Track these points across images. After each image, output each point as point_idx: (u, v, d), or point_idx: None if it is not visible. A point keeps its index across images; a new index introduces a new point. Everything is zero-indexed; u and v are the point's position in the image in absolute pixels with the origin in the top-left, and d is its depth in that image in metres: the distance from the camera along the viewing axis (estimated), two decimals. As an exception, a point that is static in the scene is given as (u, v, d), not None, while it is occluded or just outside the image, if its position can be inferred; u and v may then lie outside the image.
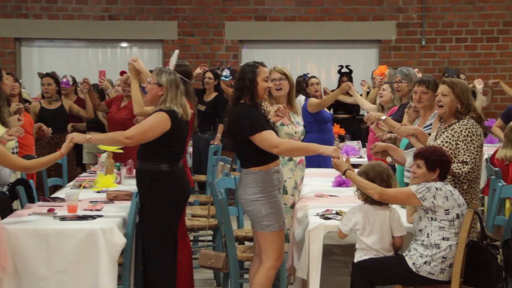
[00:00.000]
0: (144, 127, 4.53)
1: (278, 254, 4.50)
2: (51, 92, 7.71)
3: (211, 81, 9.00)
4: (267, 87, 4.53)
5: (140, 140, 4.55)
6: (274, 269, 4.51)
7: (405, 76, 6.11)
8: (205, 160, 8.28)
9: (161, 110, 4.56)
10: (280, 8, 11.36)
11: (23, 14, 11.33)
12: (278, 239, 4.50)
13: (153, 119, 4.54)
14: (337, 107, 9.62)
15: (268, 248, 4.47)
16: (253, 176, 4.43)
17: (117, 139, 4.59)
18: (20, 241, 4.17)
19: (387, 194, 4.15)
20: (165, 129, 4.52)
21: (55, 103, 7.72)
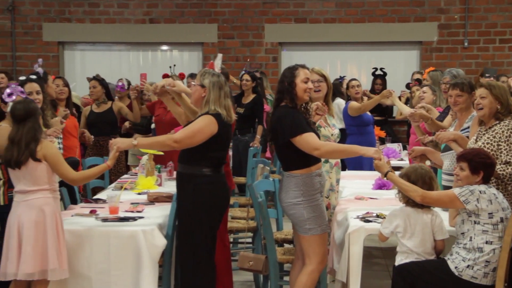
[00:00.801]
0: (193, 130, 4.48)
1: (321, 258, 4.47)
2: (97, 95, 7.79)
3: (248, 83, 9.01)
4: (307, 89, 4.50)
5: (188, 143, 4.49)
6: (317, 272, 4.49)
7: (453, 78, 6.07)
8: (245, 162, 8.30)
9: (207, 113, 4.54)
10: (320, 10, 11.33)
11: (66, 18, 11.51)
12: (321, 242, 4.47)
13: (201, 122, 4.50)
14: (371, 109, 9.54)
15: (311, 252, 4.45)
16: (294, 180, 4.41)
17: (166, 143, 4.51)
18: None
19: (430, 197, 4.09)
20: (213, 133, 4.47)
21: (103, 106, 7.79)
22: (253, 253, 5.45)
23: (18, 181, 4.21)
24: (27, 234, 4.11)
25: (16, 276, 4.09)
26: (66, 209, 4.93)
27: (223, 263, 4.94)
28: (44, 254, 4.11)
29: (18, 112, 4.18)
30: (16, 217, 4.16)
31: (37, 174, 4.17)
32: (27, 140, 4.14)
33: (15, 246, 4.11)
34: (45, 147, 4.21)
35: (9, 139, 4.18)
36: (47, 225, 4.14)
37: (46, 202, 4.20)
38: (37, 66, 5.96)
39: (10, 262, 4.10)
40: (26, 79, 5.07)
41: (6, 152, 4.16)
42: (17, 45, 11.50)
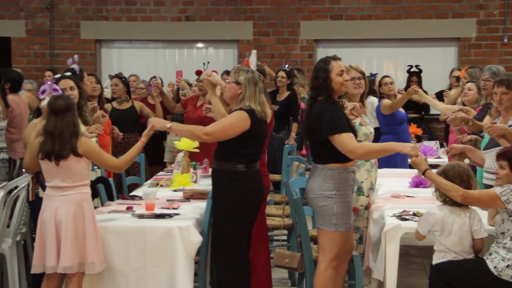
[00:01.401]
0: (224, 124, 4.50)
1: (335, 255, 4.44)
2: (119, 93, 7.86)
3: (284, 80, 9.00)
4: (343, 81, 4.45)
5: (219, 137, 4.51)
6: (331, 269, 4.44)
7: (493, 75, 5.90)
8: (280, 160, 8.29)
9: (241, 109, 4.54)
10: (356, 6, 11.25)
11: (103, 16, 11.63)
12: (341, 240, 4.44)
13: (233, 118, 4.51)
14: (406, 107, 9.42)
15: (327, 247, 4.41)
16: (330, 172, 4.38)
17: (196, 134, 4.53)
18: (100, 237, 4.28)
19: (471, 196, 4.02)
20: (245, 128, 4.48)
21: (125, 104, 7.86)
22: (289, 250, 5.43)
23: (54, 177, 4.25)
24: (66, 228, 4.16)
25: (56, 269, 4.15)
26: (103, 206, 4.97)
27: (263, 262, 4.94)
28: (83, 248, 4.17)
29: (59, 105, 4.23)
30: (53, 211, 4.20)
31: (77, 170, 4.22)
32: (69, 133, 4.20)
33: (53, 240, 4.16)
34: (84, 143, 4.26)
35: (47, 132, 4.21)
36: (85, 220, 4.20)
37: (84, 198, 4.26)
38: (71, 61, 6.02)
39: (49, 255, 4.15)
40: (60, 76, 5.13)
41: (44, 145, 4.20)
42: (56, 43, 11.65)
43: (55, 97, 4.35)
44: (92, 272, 4.19)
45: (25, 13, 11.63)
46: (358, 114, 4.99)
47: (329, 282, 4.43)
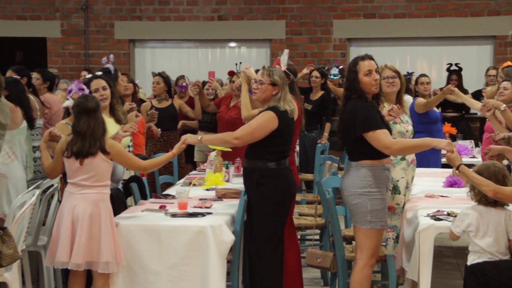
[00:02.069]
0: (252, 127, 4.56)
1: (373, 252, 4.44)
2: (159, 91, 7.92)
3: (318, 80, 8.98)
4: (371, 81, 4.44)
5: (248, 140, 4.58)
6: (369, 267, 4.44)
7: None
8: (312, 159, 8.27)
9: (268, 109, 4.57)
10: (390, 5, 11.16)
11: (137, 16, 11.71)
12: (377, 237, 4.44)
13: (260, 119, 4.56)
14: (446, 105, 9.35)
15: (365, 245, 4.41)
16: (364, 170, 4.37)
17: (227, 139, 4.64)
18: (133, 236, 4.31)
19: (502, 192, 3.97)
20: (273, 128, 4.53)
21: (164, 102, 7.91)
22: (321, 250, 5.42)
23: (77, 175, 4.28)
24: (82, 226, 4.19)
25: (67, 265, 4.18)
26: (137, 204, 5.01)
27: (293, 260, 4.94)
28: (97, 247, 4.19)
29: (91, 105, 4.27)
30: (70, 207, 4.24)
31: (99, 171, 4.26)
32: (100, 131, 4.24)
33: (67, 236, 4.20)
34: (110, 145, 4.29)
35: (77, 132, 4.25)
36: (101, 220, 4.23)
37: (102, 198, 4.29)
38: (105, 60, 6.08)
39: (60, 251, 4.19)
40: (92, 76, 5.18)
41: (73, 144, 4.25)
42: (90, 43, 11.77)
43: (83, 97, 4.39)
44: (105, 272, 4.21)
45: (61, 13, 11.77)
46: (396, 115, 4.96)
47: (367, 280, 4.43)
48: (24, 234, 4.48)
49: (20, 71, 6.43)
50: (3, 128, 5.07)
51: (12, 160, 5.42)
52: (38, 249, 5.11)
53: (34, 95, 6.44)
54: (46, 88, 7.01)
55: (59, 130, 4.66)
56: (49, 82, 7.14)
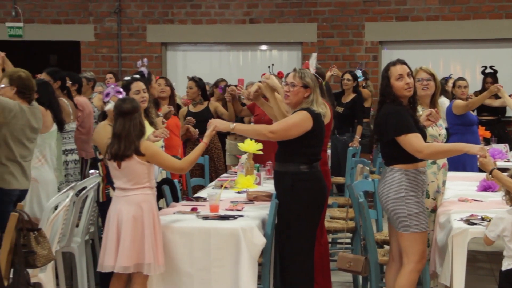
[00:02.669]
0: (288, 124, 4.56)
1: (420, 256, 4.39)
2: (192, 95, 7.95)
3: (349, 83, 8.95)
4: (403, 85, 4.42)
5: (283, 136, 4.56)
6: (416, 272, 4.40)
7: None
8: (343, 162, 8.24)
9: (302, 109, 4.57)
10: (422, 7, 11.08)
11: (169, 20, 11.80)
12: (421, 240, 4.39)
13: (296, 117, 4.55)
14: (481, 109, 9.26)
15: (409, 250, 4.37)
16: (398, 175, 4.35)
17: (262, 132, 4.60)
18: (165, 238, 4.33)
19: None
20: (307, 129, 4.52)
21: (199, 106, 7.94)
22: (352, 253, 5.39)
23: (118, 179, 4.33)
24: (126, 228, 4.22)
25: (113, 268, 4.21)
26: (168, 207, 5.03)
27: (321, 262, 4.92)
28: (140, 249, 4.21)
29: (126, 108, 4.30)
30: (116, 211, 4.28)
31: (137, 173, 4.27)
32: (136, 134, 4.27)
33: (113, 239, 4.23)
34: (146, 146, 4.31)
35: (114, 134, 4.29)
36: (144, 221, 4.24)
37: (145, 199, 4.30)
38: (140, 64, 6.13)
39: (108, 255, 4.22)
40: (131, 78, 5.22)
41: (111, 146, 4.28)
42: (123, 46, 11.89)
43: (121, 99, 4.42)
44: (149, 273, 4.23)
45: (94, 17, 11.90)
46: (434, 120, 4.91)
47: (412, 286, 4.39)
48: (58, 236, 4.54)
49: (54, 73, 6.47)
50: (35, 132, 5.12)
51: (42, 164, 5.48)
52: (71, 250, 5.17)
53: (69, 99, 6.50)
54: (75, 91, 7.07)
55: (102, 131, 4.70)
56: (77, 85, 7.19)
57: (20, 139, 4.94)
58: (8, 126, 4.85)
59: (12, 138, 4.90)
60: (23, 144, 4.98)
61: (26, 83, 5.09)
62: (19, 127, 4.93)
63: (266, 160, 6.42)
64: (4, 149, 4.88)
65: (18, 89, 5.05)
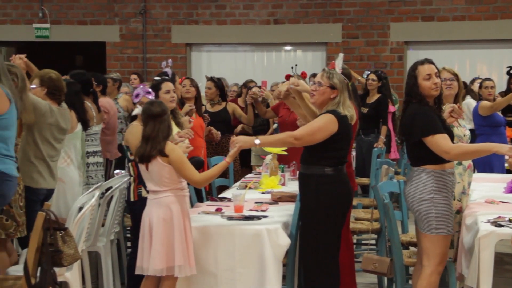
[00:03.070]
0: (313, 128, 4.51)
1: (441, 259, 4.36)
2: (210, 96, 7.95)
3: (374, 83, 8.90)
4: (431, 85, 4.38)
5: (308, 141, 4.52)
6: (436, 274, 4.37)
7: None
8: (368, 163, 8.19)
9: (327, 112, 4.53)
10: (449, 7, 11.00)
11: (194, 20, 11.84)
12: (444, 243, 4.36)
13: (321, 121, 4.51)
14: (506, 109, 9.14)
15: (431, 252, 4.33)
16: (427, 175, 4.31)
17: (287, 140, 4.55)
18: (190, 238, 4.35)
19: None
20: (333, 131, 4.47)
21: (217, 106, 7.95)
22: (377, 255, 5.36)
23: (148, 181, 4.35)
24: (156, 231, 4.23)
25: (147, 271, 4.24)
26: (193, 207, 5.05)
27: (346, 264, 4.90)
28: (171, 251, 4.21)
29: (156, 111, 4.32)
30: (147, 214, 4.31)
31: (163, 175, 4.27)
32: (163, 135, 4.28)
33: (147, 242, 4.26)
34: (171, 149, 4.31)
35: (144, 137, 4.31)
36: (174, 223, 4.25)
37: (174, 201, 4.30)
38: (164, 64, 6.15)
39: (144, 257, 4.25)
40: (161, 79, 5.25)
41: (140, 149, 4.31)
42: (148, 47, 11.96)
43: (149, 103, 4.44)
44: (180, 275, 4.23)
45: (120, 18, 11.99)
46: (457, 116, 4.87)
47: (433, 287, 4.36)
48: (84, 235, 4.57)
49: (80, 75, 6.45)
50: (63, 132, 5.18)
51: (68, 164, 5.52)
52: (97, 250, 5.20)
53: (93, 102, 6.51)
54: (100, 92, 7.10)
55: (134, 131, 4.73)
56: (102, 86, 7.21)
57: (48, 139, 5.01)
58: (37, 126, 4.92)
59: (40, 138, 4.96)
60: (51, 144, 5.04)
61: (56, 84, 5.17)
62: (48, 127, 4.99)
63: (291, 160, 6.40)
64: (33, 148, 4.95)
65: (49, 90, 5.14)
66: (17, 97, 4.40)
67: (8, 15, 12.19)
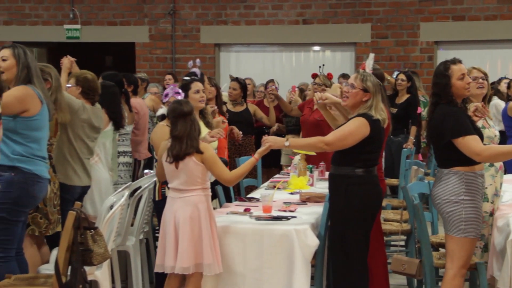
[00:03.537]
0: (344, 133, 4.46)
1: (465, 262, 4.31)
2: (235, 96, 7.96)
3: (403, 83, 8.84)
4: (465, 85, 4.33)
5: (339, 146, 4.48)
6: (460, 277, 4.32)
7: None
8: (397, 164, 8.14)
9: (359, 116, 4.49)
10: (480, 7, 10.86)
11: (222, 21, 11.86)
12: (470, 246, 4.31)
13: (353, 125, 4.46)
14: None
15: (456, 254, 4.29)
16: (457, 177, 4.26)
17: (317, 145, 4.52)
18: (219, 238, 4.35)
19: None
20: (364, 135, 4.42)
21: (239, 107, 7.96)
22: (407, 256, 5.32)
23: (174, 179, 4.36)
24: (183, 229, 4.25)
25: (174, 269, 4.25)
26: (221, 207, 5.05)
27: (380, 266, 4.87)
28: (199, 249, 4.24)
29: (187, 109, 4.34)
30: (172, 213, 4.32)
31: (194, 174, 4.30)
32: (196, 133, 4.31)
33: (172, 241, 4.27)
34: (204, 148, 4.34)
35: (174, 136, 4.32)
36: (202, 222, 4.27)
37: (201, 200, 4.32)
38: (191, 64, 6.17)
39: (168, 256, 4.26)
40: (191, 78, 5.28)
41: (173, 149, 4.32)
42: (177, 47, 12.00)
43: (177, 102, 4.46)
44: (209, 273, 4.25)
45: (149, 19, 12.06)
46: (482, 115, 4.81)
47: None
48: (114, 234, 4.60)
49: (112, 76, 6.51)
50: (96, 131, 5.25)
51: (96, 162, 5.57)
52: (126, 249, 5.24)
53: (125, 103, 6.56)
54: (131, 92, 7.15)
55: (159, 132, 4.76)
56: (133, 86, 7.27)
57: (81, 136, 5.09)
58: (71, 123, 4.99)
59: (73, 135, 5.04)
60: (84, 142, 5.12)
61: (91, 85, 5.27)
62: (80, 124, 5.07)
63: (319, 161, 6.39)
64: (67, 146, 5.03)
65: (83, 90, 5.23)
66: (49, 98, 4.46)
67: (39, 16, 12.33)
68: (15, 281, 3.98)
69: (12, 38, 11.41)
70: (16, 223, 4.25)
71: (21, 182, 4.23)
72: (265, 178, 7.33)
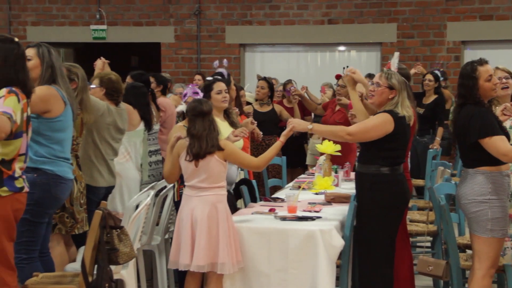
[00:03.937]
0: (367, 126, 4.49)
1: (492, 262, 4.28)
2: (262, 96, 7.97)
3: (431, 83, 8.77)
4: (492, 85, 4.30)
5: (361, 138, 4.51)
6: (489, 278, 4.29)
7: None
8: (423, 164, 8.09)
9: (384, 111, 4.49)
10: (508, 6, 10.73)
11: (247, 21, 11.87)
12: (497, 246, 4.28)
13: (377, 119, 4.48)
14: None
15: (483, 254, 4.26)
16: (483, 176, 4.23)
17: (339, 134, 4.53)
18: (243, 238, 4.36)
19: None
20: (388, 131, 4.44)
21: (266, 107, 7.97)
22: (433, 257, 5.28)
23: (193, 177, 4.35)
24: (201, 228, 4.25)
25: (189, 267, 4.26)
26: (246, 207, 5.06)
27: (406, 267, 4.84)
28: (215, 248, 4.24)
29: (206, 108, 4.36)
30: (189, 210, 4.32)
31: (214, 172, 4.31)
32: (216, 131, 4.32)
33: (188, 238, 4.27)
34: (224, 144, 4.36)
35: (193, 135, 4.33)
36: (219, 221, 4.27)
37: (219, 199, 4.33)
38: (217, 64, 6.18)
39: (183, 253, 4.27)
40: (214, 79, 5.30)
41: (192, 147, 4.33)
42: (202, 47, 12.03)
43: (196, 101, 4.46)
44: (223, 272, 4.25)
45: (174, 19, 12.10)
46: (510, 114, 4.76)
47: None
48: (139, 234, 4.62)
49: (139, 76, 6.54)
50: (121, 132, 5.28)
51: (127, 160, 5.62)
52: (152, 248, 5.26)
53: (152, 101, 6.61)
54: (160, 92, 7.21)
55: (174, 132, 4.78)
56: (162, 86, 7.33)
57: (106, 139, 5.12)
58: (96, 126, 5.02)
59: (99, 137, 5.07)
60: (109, 144, 5.15)
61: (115, 86, 5.30)
62: (106, 127, 5.10)
63: (344, 161, 6.36)
64: (92, 148, 5.07)
65: (107, 91, 5.26)
66: (73, 98, 4.46)
67: (66, 17, 12.44)
68: (43, 279, 4.02)
69: (40, 38, 11.51)
70: (39, 224, 4.25)
71: (44, 183, 4.23)
72: (290, 178, 7.32)
